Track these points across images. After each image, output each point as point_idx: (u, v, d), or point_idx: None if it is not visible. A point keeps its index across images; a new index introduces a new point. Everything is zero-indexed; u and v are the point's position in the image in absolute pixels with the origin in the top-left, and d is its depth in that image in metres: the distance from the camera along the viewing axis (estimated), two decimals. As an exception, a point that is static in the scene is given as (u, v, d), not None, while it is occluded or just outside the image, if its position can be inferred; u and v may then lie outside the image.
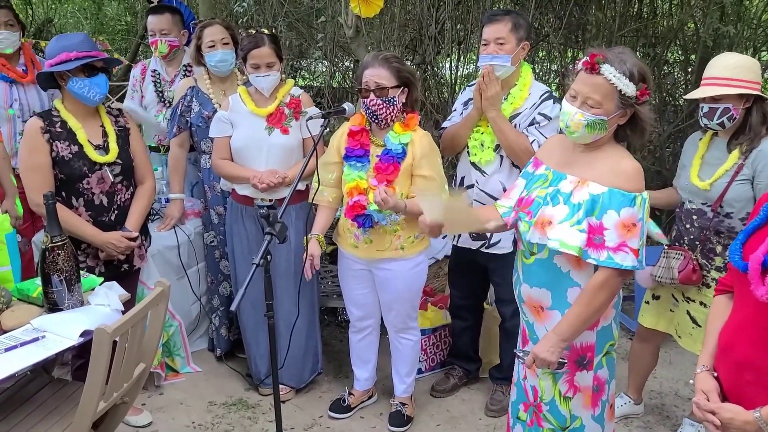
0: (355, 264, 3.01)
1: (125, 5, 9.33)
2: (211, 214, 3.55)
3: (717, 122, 2.62)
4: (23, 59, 3.78)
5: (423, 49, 5.08)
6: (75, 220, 2.77)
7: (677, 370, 3.71)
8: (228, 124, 3.15)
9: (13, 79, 3.68)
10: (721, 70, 2.62)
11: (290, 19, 5.26)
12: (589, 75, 2.02)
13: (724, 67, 2.61)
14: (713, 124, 2.64)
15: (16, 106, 3.67)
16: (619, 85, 1.99)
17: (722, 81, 2.59)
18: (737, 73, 2.57)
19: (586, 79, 2.03)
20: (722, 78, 2.59)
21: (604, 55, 2.00)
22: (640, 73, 2.01)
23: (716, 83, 2.60)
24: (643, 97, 2.02)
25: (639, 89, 2.01)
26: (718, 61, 2.67)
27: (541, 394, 2.29)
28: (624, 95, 2.00)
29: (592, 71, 2.01)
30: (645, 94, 2.02)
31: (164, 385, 3.51)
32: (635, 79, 2.00)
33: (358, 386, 3.33)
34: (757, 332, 1.67)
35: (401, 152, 2.80)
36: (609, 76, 1.99)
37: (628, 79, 1.99)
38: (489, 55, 2.88)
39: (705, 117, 2.65)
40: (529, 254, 2.22)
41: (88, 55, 2.70)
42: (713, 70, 2.65)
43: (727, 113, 2.59)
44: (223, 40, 3.33)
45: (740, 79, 2.56)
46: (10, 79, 3.68)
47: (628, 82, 1.99)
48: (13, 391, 2.52)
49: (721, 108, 2.59)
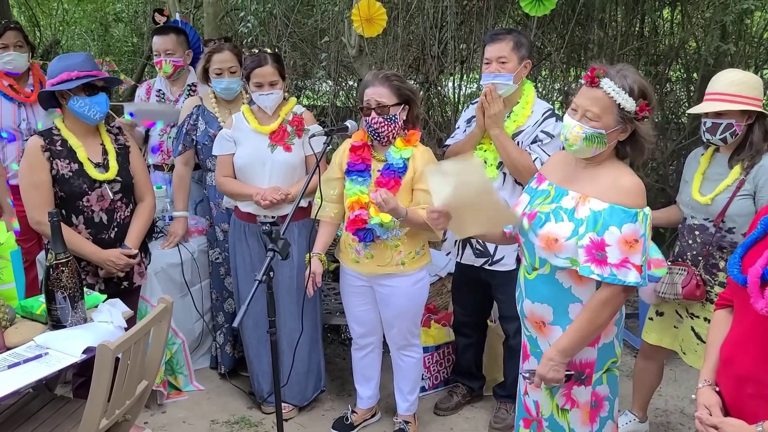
0: (356, 280, 3.02)
1: (132, 27, 9.45)
2: (216, 232, 3.56)
3: (719, 137, 2.63)
4: (32, 80, 3.83)
5: (426, 68, 5.13)
6: (75, 238, 2.78)
7: (682, 387, 3.68)
8: (231, 141, 3.18)
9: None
10: (724, 86, 2.62)
11: (294, 39, 5.32)
12: (590, 88, 2.05)
13: (728, 83, 2.62)
14: (716, 139, 2.65)
15: (23, 125, 3.71)
16: (617, 98, 2.00)
17: (725, 97, 2.60)
18: (741, 90, 2.58)
19: (587, 92, 2.06)
20: (725, 94, 2.60)
21: (604, 70, 2.04)
22: (641, 90, 2.02)
23: (719, 99, 2.61)
24: (642, 113, 2.03)
25: (638, 105, 2.02)
26: (722, 77, 2.68)
27: (542, 409, 2.28)
28: (623, 110, 2.02)
29: (592, 84, 2.04)
30: (645, 110, 2.03)
31: (167, 403, 3.50)
32: (635, 95, 2.01)
33: (361, 404, 3.31)
34: (758, 346, 1.67)
35: (402, 167, 2.82)
36: (608, 90, 2.01)
37: (628, 94, 2.01)
38: (491, 74, 2.91)
39: (708, 132, 2.66)
40: (531, 269, 2.22)
41: (89, 75, 2.73)
42: (717, 85, 2.66)
43: (730, 129, 2.60)
44: (230, 69, 3.35)
45: (743, 96, 2.57)
46: (17, 100, 3.72)
47: (627, 96, 2.01)
48: (15, 409, 2.52)
49: (723, 123, 2.60)
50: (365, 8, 3.83)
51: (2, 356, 2.22)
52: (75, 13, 9.96)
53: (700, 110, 2.66)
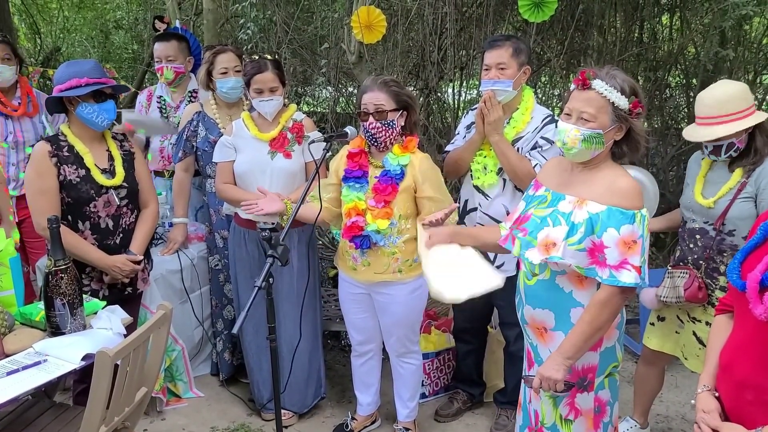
0: (354, 288, 3.01)
1: (132, 34, 9.48)
2: (216, 238, 3.56)
3: (725, 156, 2.62)
4: (19, 92, 3.81)
5: (426, 74, 5.13)
6: (82, 244, 2.79)
7: (684, 393, 3.67)
8: (231, 148, 3.18)
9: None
10: (713, 108, 2.57)
11: (294, 46, 5.34)
12: (582, 91, 2.08)
13: (716, 103, 2.56)
14: (722, 159, 2.64)
15: (10, 138, 3.70)
16: (611, 97, 2.04)
17: (717, 120, 2.55)
18: (730, 107, 2.54)
19: (579, 95, 2.09)
20: (717, 117, 2.55)
21: (594, 72, 2.07)
22: (631, 88, 2.07)
23: (711, 123, 2.57)
24: (635, 110, 2.06)
25: (631, 102, 2.05)
26: (707, 98, 2.60)
27: (542, 418, 2.28)
28: (617, 108, 2.05)
29: (583, 87, 2.07)
30: (638, 107, 2.06)
31: (166, 410, 3.49)
32: (626, 93, 2.05)
33: (361, 411, 3.30)
34: (757, 351, 1.67)
35: (400, 173, 2.81)
36: (601, 90, 2.04)
37: (620, 92, 2.04)
38: (491, 80, 2.91)
39: (712, 154, 2.65)
40: (531, 275, 2.22)
41: (98, 82, 2.74)
42: (704, 108, 2.60)
43: (732, 147, 2.59)
44: (235, 68, 3.38)
45: (734, 113, 2.54)
46: (3, 114, 3.71)
47: (619, 95, 2.04)
48: (14, 416, 2.51)
49: (725, 144, 2.59)
50: (365, 15, 3.84)
51: (1, 363, 2.21)
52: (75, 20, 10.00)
53: (696, 139, 2.63)
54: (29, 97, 3.81)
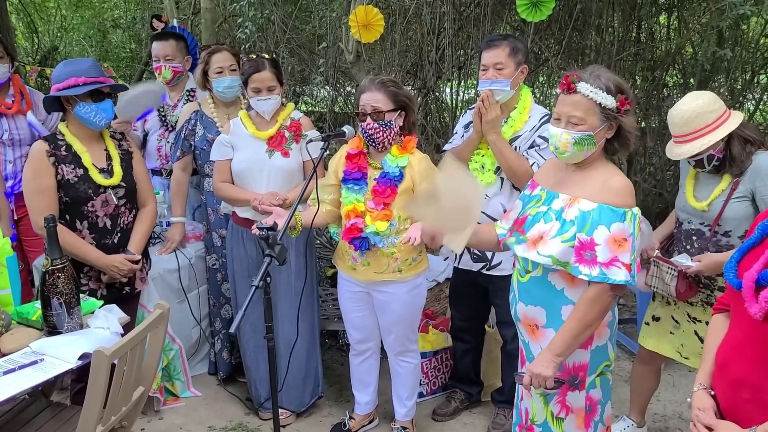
0: (353, 286, 3.01)
1: (130, 33, 9.47)
2: (214, 237, 3.56)
3: (710, 168, 2.65)
4: (12, 90, 3.80)
5: (424, 74, 5.13)
6: (80, 244, 2.79)
7: (680, 392, 3.67)
8: (229, 147, 3.18)
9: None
10: (682, 126, 2.59)
11: (292, 45, 5.34)
12: (568, 95, 2.09)
13: (686, 121, 2.58)
14: (708, 169, 2.66)
15: (5, 136, 3.69)
16: (597, 98, 2.04)
17: (689, 137, 2.58)
18: (700, 122, 2.56)
19: (566, 99, 2.10)
20: (690, 134, 2.58)
21: (577, 75, 2.08)
22: (617, 86, 2.07)
23: (685, 140, 2.60)
24: (624, 107, 2.07)
25: (618, 100, 2.06)
26: (677, 116, 2.61)
27: (532, 415, 2.29)
28: (605, 108, 2.06)
29: (569, 91, 2.08)
30: (625, 104, 2.07)
31: (163, 409, 3.49)
32: (612, 92, 2.06)
33: (359, 410, 3.30)
34: (753, 350, 1.67)
35: (398, 175, 2.82)
36: (586, 92, 2.05)
37: (605, 92, 2.05)
38: (488, 80, 2.92)
39: (697, 167, 2.69)
40: (524, 272, 2.23)
41: (96, 81, 2.74)
42: (674, 127, 2.63)
43: (713, 158, 2.62)
44: (230, 67, 3.38)
45: (705, 126, 2.56)
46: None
47: (605, 95, 2.05)
48: (11, 415, 2.51)
49: (704, 157, 2.61)
50: (362, 14, 3.84)
51: (-2, 362, 2.21)
52: (73, 19, 9.99)
53: (674, 157, 2.66)
54: (22, 94, 3.80)
